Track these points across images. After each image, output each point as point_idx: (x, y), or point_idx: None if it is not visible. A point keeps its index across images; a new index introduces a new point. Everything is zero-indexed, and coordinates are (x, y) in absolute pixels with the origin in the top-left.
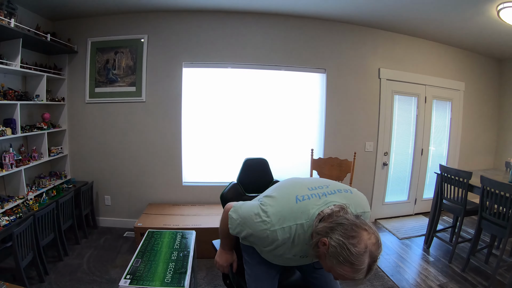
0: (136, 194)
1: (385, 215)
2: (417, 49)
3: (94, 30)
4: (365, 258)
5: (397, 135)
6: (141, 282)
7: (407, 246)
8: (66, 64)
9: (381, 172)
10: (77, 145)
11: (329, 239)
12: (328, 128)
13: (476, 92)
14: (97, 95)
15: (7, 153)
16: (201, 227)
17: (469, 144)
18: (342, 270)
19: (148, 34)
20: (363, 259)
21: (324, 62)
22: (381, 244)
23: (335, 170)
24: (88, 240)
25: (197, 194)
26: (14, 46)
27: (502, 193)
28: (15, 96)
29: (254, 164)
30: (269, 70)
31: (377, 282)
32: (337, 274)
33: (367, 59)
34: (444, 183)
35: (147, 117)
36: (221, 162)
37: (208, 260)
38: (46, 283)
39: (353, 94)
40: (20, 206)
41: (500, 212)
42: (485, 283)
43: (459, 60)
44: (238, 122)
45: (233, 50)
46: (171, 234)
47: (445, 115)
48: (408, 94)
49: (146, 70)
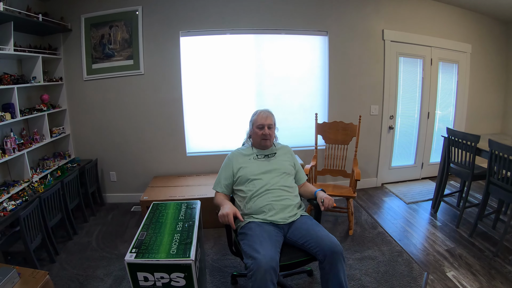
0: (141, 168)
1: (391, 180)
2: (421, 10)
3: (87, 6)
4: (258, 109)
5: (402, 98)
6: (147, 255)
7: (414, 211)
8: (61, 43)
9: (387, 136)
10: (79, 123)
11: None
12: (332, 92)
13: (483, 54)
14: (95, 71)
15: (8, 138)
16: (206, 197)
17: (476, 108)
18: (254, 122)
19: (142, 5)
20: (257, 109)
21: (326, 24)
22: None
23: (340, 134)
24: (96, 217)
25: (202, 163)
26: (6, 30)
27: (510, 158)
28: (11, 80)
29: None
30: (269, 34)
31: (385, 247)
32: (256, 129)
33: (371, 20)
34: (451, 147)
35: (147, 89)
36: (224, 130)
37: (216, 230)
38: (57, 263)
39: (356, 56)
40: (25, 189)
41: (508, 177)
42: (492, 249)
43: (466, 22)
44: (240, 90)
45: (231, 15)
46: (175, 205)
47: (452, 78)
48: (413, 56)
49: (143, 42)
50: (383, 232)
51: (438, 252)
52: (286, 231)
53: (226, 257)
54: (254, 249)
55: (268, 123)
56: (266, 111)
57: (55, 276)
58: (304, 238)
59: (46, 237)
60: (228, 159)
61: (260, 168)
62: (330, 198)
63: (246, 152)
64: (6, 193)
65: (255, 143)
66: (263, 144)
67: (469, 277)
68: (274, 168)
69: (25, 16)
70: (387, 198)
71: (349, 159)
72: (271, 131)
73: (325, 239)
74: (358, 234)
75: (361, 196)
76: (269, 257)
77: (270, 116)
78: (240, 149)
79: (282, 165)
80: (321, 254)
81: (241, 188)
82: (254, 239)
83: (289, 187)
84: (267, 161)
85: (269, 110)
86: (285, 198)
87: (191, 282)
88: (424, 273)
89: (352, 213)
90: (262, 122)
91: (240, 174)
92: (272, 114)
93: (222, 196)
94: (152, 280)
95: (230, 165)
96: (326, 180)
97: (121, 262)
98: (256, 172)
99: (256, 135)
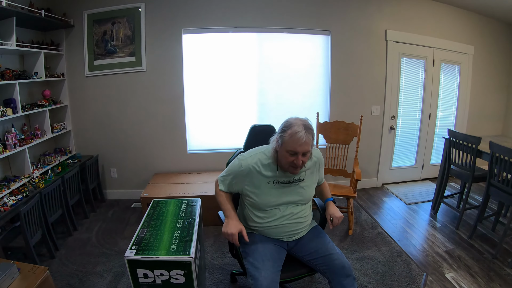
0: (141, 165)
1: (392, 180)
2: (425, 10)
3: (89, 2)
4: (294, 121)
5: (404, 98)
6: (147, 252)
7: (414, 212)
8: (63, 39)
9: (388, 136)
10: (80, 119)
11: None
12: (334, 92)
13: (485, 56)
14: (97, 67)
15: (9, 133)
16: (206, 195)
17: (478, 109)
18: (286, 144)
19: (145, 2)
20: (292, 122)
21: (329, 24)
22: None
23: (341, 134)
24: (97, 213)
25: (203, 161)
26: (8, 25)
27: (511, 160)
28: (13, 76)
29: (261, 131)
30: (271, 33)
31: (384, 247)
32: (286, 153)
33: (373, 20)
34: (452, 148)
35: (148, 86)
36: (226, 128)
37: (215, 227)
38: (57, 258)
39: (359, 56)
40: (26, 185)
41: (508, 179)
42: (491, 251)
43: (469, 23)
44: (242, 87)
45: (234, 13)
46: (176, 203)
47: (454, 79)
48: (415, 57)
49: (145, 39)
50: (383, 232)
51: (437, 253)
52: (292, 246)
53: (225, 255)
54: (256, 268)
55: (304, 151)
56: (304, 130)
57: (54, 271)
58: (311, 256)
59: (46, 232)
60: (241, 171)
61: (279, 198)
62: (339, 216)
63: (266, 171)
64: (7, 188)
65: (281, 165)
66: (291, 171)
67: (468, 279)
68: (296, 199)
69: (27, 12)
70: (387, 198)
71: (350, 159)
72: (306, 158)
73: (335, 258)
74: (358, 234)
75: (361, 196)
76: (270, 280)
77: (309, 139)
78: (258, 161)
79: (306, 194)
80: (330, 274)
81: (252, 210)
82: (256, 257)
83: (304, 217)
84: (290, 189)
85: (309, 125)
86: (298, 232)
87: (191, 280)
88: (423, 274)
89: (352, 213)
90: (296, 150)
91: (253, 198)
92: (312, 132)
93: (226, 199)
94: (152, 277)
95: (241, 180)
96: (326, 179)
97: (121, 259)
98: (272, 204)
99: (284, 158)
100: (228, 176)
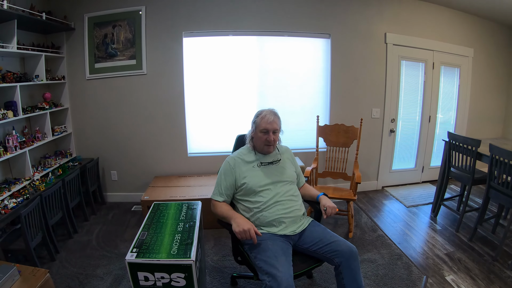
0: (142, 168)
1: (392, 183)
2: (424, 13)
3: (90, 5)
4: (264, 109)
5: (404, 101)
6: (148, 255)
7: (414, 214)
8: (64, 42)
9: (388, 139)
10: (81, 122)
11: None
12: (334, 95)
13: (485, 59)
14: (97, 70)
15: (10, 136)
16: (207, 198)
17: (478, 112)
18: (258, 125)
19: (146, 5)
20: (262, 110)
21: (329, 27)
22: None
23: (341, 137)
24: (97, 216)
25: (203, 164)
26: (9, 28)
27: (511, 163)
28: (14, 78)
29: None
30: (272, 36)
31: (384, 250)
32: (260, 133)
33: (373, 23)
34: (452, 151)
35: (149, 89)
36: (226, 132)
37: (216, 230)
38: (57, 261)
39: (358, 59)
40: (27, 187)
41: (508, 182)
42: (491, 253)
43: (468, 26)
44: (242, 91)
45: (234, 17)
46: (176, 206)
47: (453, 82)
48: (415, 60)
49: (146, 42)
50: (383, 235)
51: (438, 255)
52: (296, 240)
53: (226, 258)
54: (271, 265)
55: (273, 128)
56: (272, 113)
57: (55, 274)
58: (317, 245)
59: (46, 235)
60: (229, 165)
61: (267, 178)
62: (333, 206)
63: (248, 158)
64: (8, 190)
65: (257, 147)
66: (266, 150)
67: (468, 281)
68: (281, 177)
69: (28, 15)
70: (387, 201)
71: (350, 161)
72: (276, 136)
73: (341, 243)
74: (358, 236)
75: (361, 198)
76: (288, 275)
77: (276, 120)
78: (240, 153)
79: (288, 173)
80: (338, 259)
81: (247, 199)
82: (269, 254)
83: (296, 196)
84: (272, 168)
85: (275, 111)
86: (294, 209)
87: (191, 283)
88: (423, 277)
89: (352, 216)
90: (266, 127)
91: (244, 185)
92: (278, 117)
93: (226, 207)
94: (153, 280)
95: (231, 174)
96: (326, 182)
97: (121, 261)
98: (262, 183)
99: (259, 140)
100: (219, 182)
